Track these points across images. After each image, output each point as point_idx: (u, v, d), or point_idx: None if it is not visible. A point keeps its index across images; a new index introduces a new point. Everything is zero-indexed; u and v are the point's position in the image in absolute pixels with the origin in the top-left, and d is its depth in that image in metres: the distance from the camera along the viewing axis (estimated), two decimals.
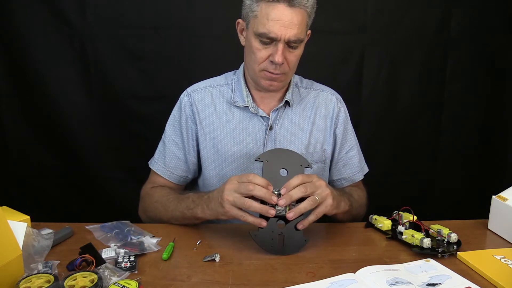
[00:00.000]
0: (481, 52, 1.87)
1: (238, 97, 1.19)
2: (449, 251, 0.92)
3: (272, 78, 1.11)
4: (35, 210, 1.25)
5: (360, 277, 0.83)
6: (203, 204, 1.01)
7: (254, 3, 1.06)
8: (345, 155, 1.27)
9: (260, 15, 1.04)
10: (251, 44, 1.09)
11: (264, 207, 0.91)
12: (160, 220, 1.12)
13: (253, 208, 0.91)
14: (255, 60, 1.10)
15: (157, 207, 1.13)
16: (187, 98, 1.22)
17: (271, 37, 1.04)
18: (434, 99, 1.91)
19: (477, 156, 1.98)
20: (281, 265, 0.89)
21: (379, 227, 1.06)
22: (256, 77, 1.14)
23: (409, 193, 1.92)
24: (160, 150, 1.24)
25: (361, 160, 1.32)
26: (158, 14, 1.73)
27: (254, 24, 1.06)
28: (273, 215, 0.91)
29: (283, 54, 1.06)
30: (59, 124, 1.79)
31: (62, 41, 1.73)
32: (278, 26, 1.02)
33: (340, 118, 1.25)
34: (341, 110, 1.26)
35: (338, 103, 1.26)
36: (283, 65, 1.09)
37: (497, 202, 1.06)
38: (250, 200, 0.91)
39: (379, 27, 1.81)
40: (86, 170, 1.84)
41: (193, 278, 0.83)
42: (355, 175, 1.29)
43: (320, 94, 1.26)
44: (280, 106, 1.19)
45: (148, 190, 1.21)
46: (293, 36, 1.04)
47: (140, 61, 1.77)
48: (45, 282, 0.75)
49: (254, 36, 1.07)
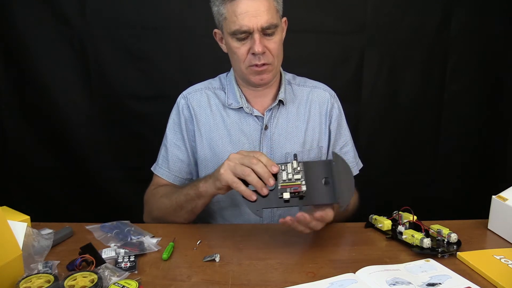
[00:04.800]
0: (481, 52, 1.87)
1: (232, 99, 1.20)
2: (449, 251, 0.92)
3: (260, 71, 1.12)
4: (35, 210, 1.25)
5: (360, 277, 0.83)
6: (206, 177, 1.03)
7: (221, 6, 1.09)
8: (340, 151, 1.26)
9: (229, 15, 1.07)
10: (230, 46, 1.11)
11: (260, 182, 0.90)
12: (165, 217, 1.12)
13: (251, 178, 0.90)
14: (239, 59, 1.12)
15: (163, 201, 1.13)
16: (183, 100, 1.23)
17: (244, 31, 1.07)
18: (434, 99, 1.91)
19: (477, 156, 1.98)
20: (281, 265, 0.89)
21: (379, 227, 1.06)
22: (245, 77, 1.15)
23: (409, 193, 1.92)
24: (163, 155, 1.24)
25: (355, 155, 1.31)
26: (158, 14, 1.74)
27: (226, 26, 1.10)
28: (265, 193, 0.89)
29: (261, 43, 1.07)
30: (59, 124, 1.80)
31: (62, 41, 1.73)
32: (247, 18, 1.05)
33: (333, 114, 1.25)
34: (335, 106, 1.26)
35: (332, 99, 1.26)
36: (266, 54, 1.10)
37: (497, 202, 1.06)
38: (250, 170, 0.90)
39: (379, 27, 1.81)
40: (86, 170, 1.84)
41: (193, 278, 0.83)
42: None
43: (313, 91, 1.26)
44: (274, 105, 1.19)
45: (152, 191, 1.21)
46: (265, 23, 1.06)
47: (140, 61, 1.77)
48: (45, 282, 0.75)
49: (230, 37, 1.10)
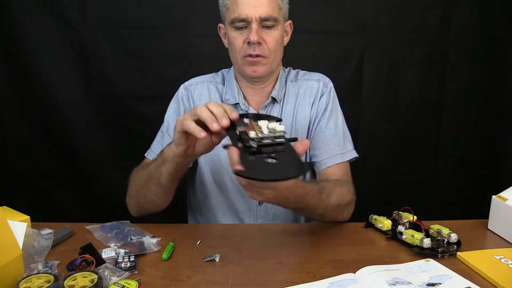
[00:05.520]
0: (481, 52, 1.87)
1: (229, 94, 1.21)
2: (449, 251, 0.92)
3: (254, 62, 1.12)
4: (35, 210, 1.25)
5: (360, 277, 0.83)
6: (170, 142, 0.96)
7: None
8: (320, 134, 1.19)
9: (231, 5, 1.10)
10: (229, 36, 1.13)
11: (210, 116, 0.81)
12: (138, 195, 1.08)
13: (204, 114, 0.82)
14: (235, 49, 1.13)
15: (139, 174, 1.08)
16: (185, 91, 1.24)
17: (242, 19, 1.08)
18: (434, 99, 1.91)
19: (477, 156, 1.98)
20: (281, 265, 0.89)
21: (379, 227, 1.06)
22: (240, 68, 1.16)
23: (409, 193, 1.92)
24: (158, 140, 1.23)
25: (345, 145, 1.21)
26: (158, 14, 1.73)
27: (227, 17, 1.12)
28: (214, 128, 0.80)
29: (258, 34, 1.08)
30: (59, 124, 1.79)
31: (62, 41, 1.73)
32: (247, 7, 1.07)
33: (322, 100, 1.21)
34: (325, 93, 1.22)
35: (323, 88, 1.23)
36: (262, 47, 1.10)
37: (497, 202, 1.06)
38: (204, 107, 0.83)
39: (379, 26, 1.81)
40: (86, 170, 1.84)
41: (193, 278, 0.83)
42: (330, 158, 1.18)
43: (305, 84, 1.24)
44: (268, 102, 1.20)
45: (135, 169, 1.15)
46: (264, 14, 1.07)
47: (140, 61, 1.77)
48: (45, 282, 0.75)
49: (229, 27, 1.12)
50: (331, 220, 1.08)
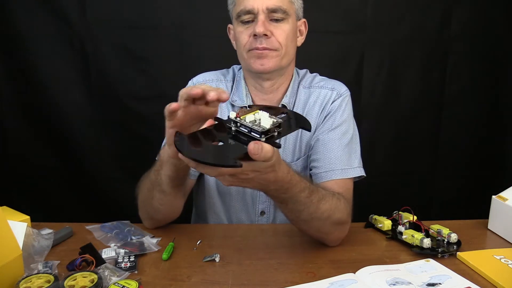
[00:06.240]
0: (481, 52, 1.87)
1: (236, 96, 1.15)
2: (449, 251, 0.92)
3: (261, 55, 1.04)
4: (35, 210, 1.25)
5: (360, 277, 0.83)
6: None
7: None
8: (322, 140, 1.08)
9: (238, 0, 1.06)
10: (236, 31, 1.08)
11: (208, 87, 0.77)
12: (145, 204, 1.03)
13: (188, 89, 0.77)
14: (241, 44, 1.06)
15: (144, 181, 1.01)
16: None
17: (248, 11, 1.03)
18: (434, 99, 1.91)
19: (477, 156, 1.98)
20: (281, 265, 0.89)
21: (379, 227, 1.06)
22: (247, 63, 1.08)
23: (409, 193, 1.92)
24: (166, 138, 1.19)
25: (349, 161, 1.08)
26: (158, 14, 1.73)
27: (234, 12, 1.07)
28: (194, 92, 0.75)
29: (265, 26, 1.02)
30: (59, 124, 1.79)
31: (62, 41, 1.73)
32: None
33: (330, 107, 1.12)
34: (336, 101, 1.12)
35: (335, 97, 1.13)
36: (271, 40, 1.03)
37: (497, 202, 1.06)
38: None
39: (379, 26, 1.81)
40: (86, 170, 1.84)
41: (193, 278, 0.83)
42: (328, 172, 1.05)
43: (316, 92, 1.15)
44: None
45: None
46: (272, 5, 1.02)
47: (140, 61, 1.77)
48: (45, 282, 0.75)
49: (236, 22, 1.07)
50: (318, 234, 0.95)
